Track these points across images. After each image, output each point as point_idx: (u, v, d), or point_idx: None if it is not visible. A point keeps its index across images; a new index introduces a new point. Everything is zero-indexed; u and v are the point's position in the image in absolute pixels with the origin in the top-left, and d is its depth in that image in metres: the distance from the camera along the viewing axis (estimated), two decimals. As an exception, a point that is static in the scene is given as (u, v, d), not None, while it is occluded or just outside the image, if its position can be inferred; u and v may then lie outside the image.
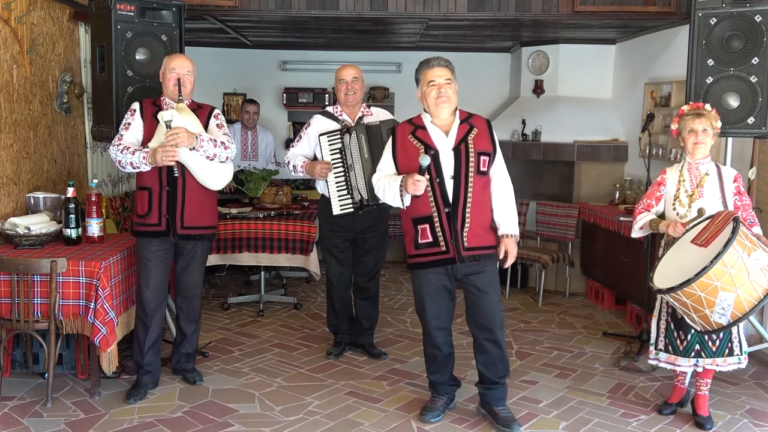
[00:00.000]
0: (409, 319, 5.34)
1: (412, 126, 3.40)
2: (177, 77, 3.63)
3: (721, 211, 3.34)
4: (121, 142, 3.61)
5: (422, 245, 3.34)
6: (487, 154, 3.34)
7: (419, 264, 3.39)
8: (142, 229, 3.71)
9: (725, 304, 3.08)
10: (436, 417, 3.49)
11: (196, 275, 3.89)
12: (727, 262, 3.05)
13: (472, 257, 3.31)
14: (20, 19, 4.07)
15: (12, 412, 3.53)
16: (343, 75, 4.23)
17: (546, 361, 4.46)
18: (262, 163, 6.46)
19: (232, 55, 7.81)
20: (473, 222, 3.30)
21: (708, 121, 3.46)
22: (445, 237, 3.29)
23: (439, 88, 3.30)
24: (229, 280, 6.52)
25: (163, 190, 3.65)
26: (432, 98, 3.31)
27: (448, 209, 3.28)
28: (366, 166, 4.05)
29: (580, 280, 6.20)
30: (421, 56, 3.63)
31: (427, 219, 3.31)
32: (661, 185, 3.63)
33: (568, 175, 6.53)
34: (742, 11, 4.03)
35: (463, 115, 3.41)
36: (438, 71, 3.32)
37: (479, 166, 3.30)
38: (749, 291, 3.07)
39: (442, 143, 3.32)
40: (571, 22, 5.59)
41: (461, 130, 3.35)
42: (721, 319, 3.14)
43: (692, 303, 3.15)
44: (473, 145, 3.31)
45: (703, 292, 3.09)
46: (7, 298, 3.58)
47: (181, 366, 3.98)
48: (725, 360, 3.43)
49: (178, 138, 3.47)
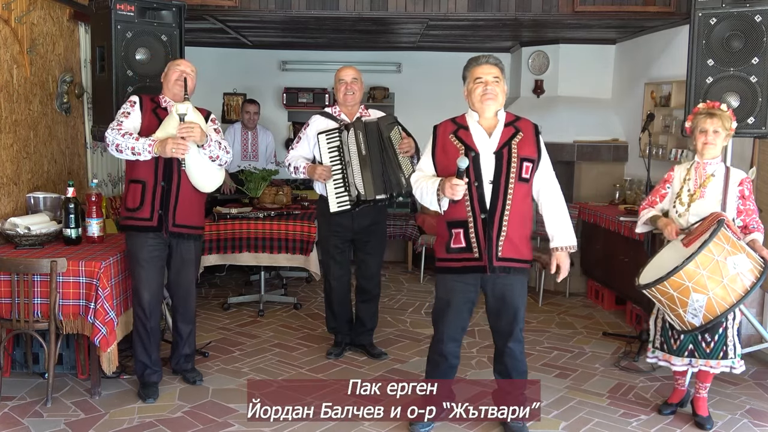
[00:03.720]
0: (409, 319, 5.34)
1: (455, 125, 3.25)
2: (181, 74, 3.61)
3: (712, 213, 3.33)
4: (121, 128, 3.56)
5: (454, 250, 3.20)
6: (531, 160, 3.19)
7: (448, 269, 3.25)
8: (131, 223, 3.65)
9: (697, 305, 3.11)
10: (426, 427, 3.43)
11: (190, 275, 3.88)
12: (701, 264, 3.07)
13: (503, 268, 3.18)
14: (20, 19, 4.07)
15: (12, 412, 3.53)
16: (343, 75, 4.24)
17: (546, 361, 4.46)
18: (263, 163, 6.46)
19: (232, 55, 7.82)
20: (510, 231, 3.15)
21: (720, 122, 3.39)
22: (479, 244, 3.15)
23: (486, 85, 3.16)
24: (229, 280, 6.52)
25: (158, 184, 3.61)
26: (477, 95, 3.17)
27: (484, 215, 3.13)
28: (363, 162, 4.06)
29: (580, 280, 6.19)
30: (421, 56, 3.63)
31: (462, 223, 3.17)
32: (666, 183, 3.61)
33: (568, 175, 6.53)
34: (742, 11, 4.03)
35: (510, 118, 3.26)
36: (486, 68, 3.20)
37: (521, 172, 3.15)
38: (721, 294, 3.09)
39: (484, 145, 3.17)
40: (571, 22, 5.59)
41: (506, 133, 3.20)
42: (694, 320, 3.18)
43: (667, 301, 3.20)
44: (517, 150, 3.16)
45: (676, 291, 3.13)
46: (7, 298, 3.58)
47: (180, 366, 3.98)
48: (718, 363, 3.40)
49: (192, 132, 3.45)
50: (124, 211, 3.69)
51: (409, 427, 3.44)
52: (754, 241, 3.33)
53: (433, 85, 7.66)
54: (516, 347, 3.35)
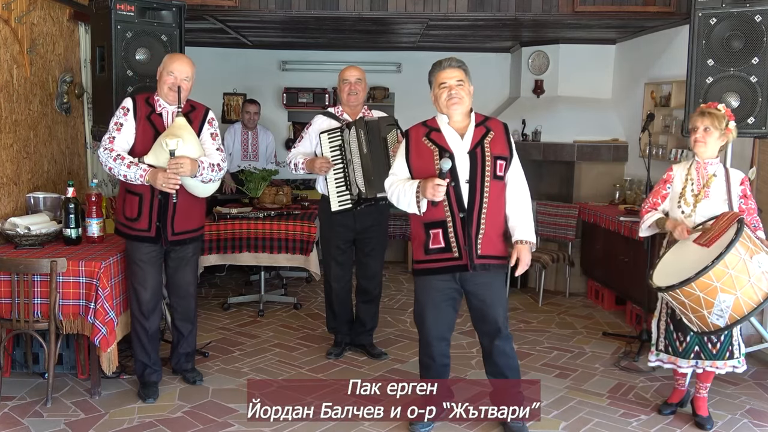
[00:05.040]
0: (408, 319, 5.34)
1: (427, 128, 3.30)
2: (174, 83, 3.54)
3: (725, 212, 3.32)
4: (113, 147, 3.50)
5: (433, 250, 3.23)
6: (504, 158, 3.24)
7: (428, 270, 3.28)
8: (129, 233, 3.64)
9: (724, 305, 3.06)
10: (426, 427, 3.43)
11: (189, 275, 3.87)
12: (729, 264, 3.03)
13: (483, 266, 3.21)
14: (20, 19, 4.06)
15: (12, 412, 3.53)
16: (347, 75, 4.25)
17: (546, 361, 4.46)
18: (263, 163, 6.46)
19: (232, 55, 7.81)
20: (488, 228, 3.20)
21: (711, 120, 3.39)
22: (459, 243, 3.19)
23: (450, 89, 3.21)
24: (229, 280, 6.52)
25: (155, 198, 3.57)
26: (443, 100, 3.23)
27: (463, 214, 3.17)
28: (365, 160, 4.07)
29: (580, 280, 6.19)
30: (421, 56, 3.64)
31: (441, 224, 3.20)
32: (667, 183, 3.60)
33: (568, 175, 6.54)
34: (742, 11, 4.03)
35: (479, 118, 3.31)
36: (449, 72, 3.24)
37: (496, 170, 3.21)
38: (749, 294, 3.06)
39: (457, 146, 3.22)
40: (571, 22, 5.59)
41: (477, 133, 3.25)
42: (718, 321, 3.12)
43: (690, 303, 3.14)
44: (489, 149, 3.21)
45: (702, 292, 3.07)
46: (7, 298, 3.58)
47: (180, 366, 3.98)
48: (725, 363, 3.41)
49: (181, 168, 3.42)
50: (122, 218, 3.66)
51: (410, 426, 3.44)
52: (763, 240, 3.33)
53: (433, 85, 7.65)
54: (504, 344, 3.35)
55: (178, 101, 3.52)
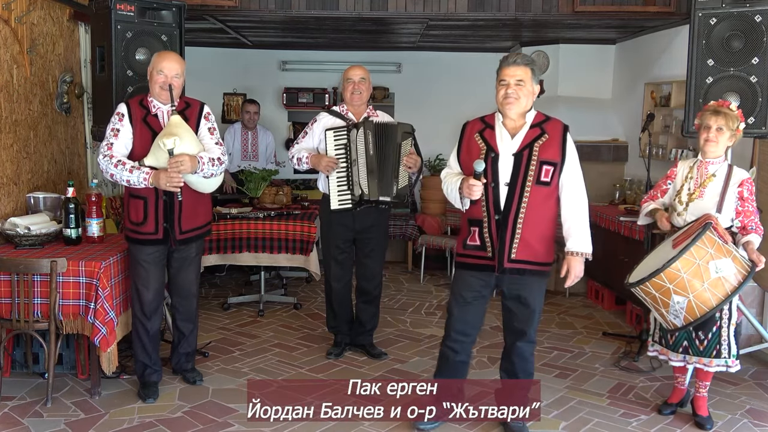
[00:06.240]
0: (409, 319, 5.34)
1: (483, 124, 3.26)
2: (165, 81, 3.52)
3: (703, 215, 3.33)
4: (112, 153, 3.49)
5: (470, 246, 3.23)
6: (553, 164, 3.13)
7: (463, 264, 3.29)
8: (138, 237, 3.62)
9: (678, 306, 3.14)
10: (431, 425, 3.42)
11: (191, 275, 3.87)
12: (682, 267, 3.08)
13: (516, 270, 3.17)
14: (20, 19, 4.07)
15: (12, 412, 3.53)
16: (351, 75, 4.24)
17: (546, 361, 4.46)
18: (263, 163, 6.46)
19: (232, 55, 7.81)
20: (526, 233, 3.13)
21: (725, 120, 3.37)
22: (492, 244, 3.16)
23: (508, 87, 3.13)
24: (229, 280, 6.52)
25: (159, 199, 3.57)
26: (499, 98, 3.16)
27: (498, 216, 3.13)
28: (370, 162, 4.07)
29: (580, 280, 6.16)
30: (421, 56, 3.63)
31: (478, 222, 3.19)
32: (668, 179, 3.62)
33: (568, 175, 6.53)
34: (742, 11, 4.03)
35: (539, 119, 3.21)
36: (512, 70, 3.14)
37: (540, 175, 3.11)
38: (702, 298, 3.10)
39: (505, 146, 3.15)
40: (571, 22, 5.59)
41: (529, 135, 3.15)
42: (675, 320, 3.21)
43: (650, 300, 3.24)
44: (538, 153, 3.12)
45: (658, 292, 3.17)
46: (7, 298, 3.58)
47: (180, 366, 3.98)
48: (711, 361, 3.40)
49: (181, 166, 3.42)
50: (129, 223, 3.66)
51: (415, 424, 3.44)
52: (749, 242, 3.31)
53: (433, 85, 7.65)
54: (526, 347, 3.36)
55: (171, 99, 3.52)
